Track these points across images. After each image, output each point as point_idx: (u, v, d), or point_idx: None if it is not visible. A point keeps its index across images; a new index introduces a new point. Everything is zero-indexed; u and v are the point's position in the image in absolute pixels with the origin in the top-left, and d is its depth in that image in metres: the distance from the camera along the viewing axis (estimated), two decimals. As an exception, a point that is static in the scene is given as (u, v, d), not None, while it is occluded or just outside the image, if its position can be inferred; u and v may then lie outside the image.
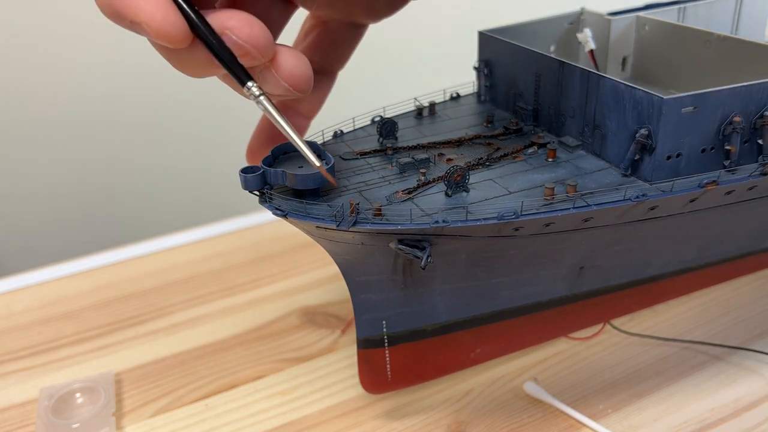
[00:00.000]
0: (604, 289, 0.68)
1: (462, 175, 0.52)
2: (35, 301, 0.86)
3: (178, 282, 0.88)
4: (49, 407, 0.65)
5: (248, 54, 0.42)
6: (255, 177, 0.50)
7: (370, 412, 0.65)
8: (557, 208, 0.50)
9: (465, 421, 0.63)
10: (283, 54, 0.45)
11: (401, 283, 0.57)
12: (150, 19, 0.39)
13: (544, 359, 0.70)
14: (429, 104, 0.71)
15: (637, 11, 0.75)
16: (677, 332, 0.72)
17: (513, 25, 0.73)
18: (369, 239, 0.51)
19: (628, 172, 0.54)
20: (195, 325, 0.80)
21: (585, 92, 0.58)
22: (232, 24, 0.42)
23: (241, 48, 0.42)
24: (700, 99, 0.51)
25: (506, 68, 0.69)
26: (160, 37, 0.40)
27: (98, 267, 0.93)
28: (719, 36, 0.65)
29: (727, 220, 0.64)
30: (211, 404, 0.67)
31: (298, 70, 0.45)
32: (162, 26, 0.39)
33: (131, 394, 0.69)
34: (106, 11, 0.40)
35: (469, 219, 0.49)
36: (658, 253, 0.67)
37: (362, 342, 0.62)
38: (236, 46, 0.42)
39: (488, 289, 0.61)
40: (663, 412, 0.63)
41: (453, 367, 0.67)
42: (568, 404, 0.63)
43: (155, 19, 0.39)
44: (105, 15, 0.40)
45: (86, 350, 0.77)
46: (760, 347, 0.69)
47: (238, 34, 0.42)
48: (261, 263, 0.91)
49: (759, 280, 0.80)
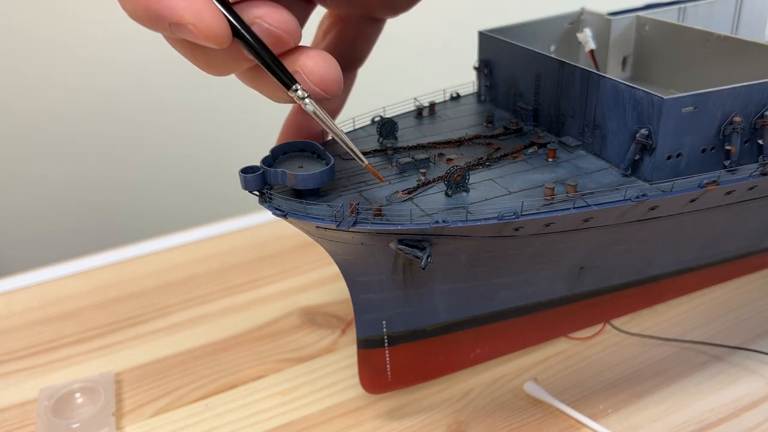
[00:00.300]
0: (604, 289, 0.68)
1: (462, 175, 0.52)
2: (35, 301, 0.86)
3: (177, 282, 0.88)
4: (49, 407, 0.65)
5: (280, 39, 0.43)
6: (255, 177, 0.50)
7: (370, 412, 0.65)
8: (557, 208, 0.50)
9: (465, 421, 0.63)
10: (313, 57, 0.45)
11: (401, 283, 0.57)
12: (197, 19, 0.38)
13: (544, 359, 0.70)
14: (429, 104, 0.71)
15: (637, 11, 0.75)
16: (677, 332, 0.72)
17: (513, 25, 0.73)
18: (369, 239, 0.51)
19: (628, 172, 0.54)
20: (195, 325, 0.80)
21: (585, 92, 0.58)
22: (261, 12, 0.42)
23: (273, 34, 0.43)
24: (701, 99, 0.51)
25: (506, 68, 0.69)
26: (208, 38, 0.39)
27: (98, 267, 0.93)
28: (719, 36, 0.64)
29: (727, 220, 0.64)
30: (211, 404, 0.67)
31: (330, 74, 0.45)
32: (210, 26, 0.39)
33: (131, 394, 0.69)
34: (140, 13, 0.39)
35: (469, 219, 0.48)
36: (659, 253, 0.67)
37: (362, 342, 0.62)
38: (268, 33, 0.43)
39: (488, 289, 0.61)
40: (663, 412, 0.63)
41: (453, 367, 0.67)
42: (568, 404, 0.63)
43: (202, 19, 0.38)
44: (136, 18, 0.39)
45: (86, 350, 0.77)
46: (760, 347, 0.69)
47: (269, 21, 0.42)
48: (261, 263, 0.91)
49: (759, 280, 0.80)
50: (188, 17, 0.38)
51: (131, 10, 0.39)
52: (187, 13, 0.38)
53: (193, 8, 0.38)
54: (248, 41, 0.42)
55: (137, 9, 0.39)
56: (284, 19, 0.43)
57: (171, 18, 0.38)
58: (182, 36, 0.40)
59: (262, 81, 0.47)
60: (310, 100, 0.46)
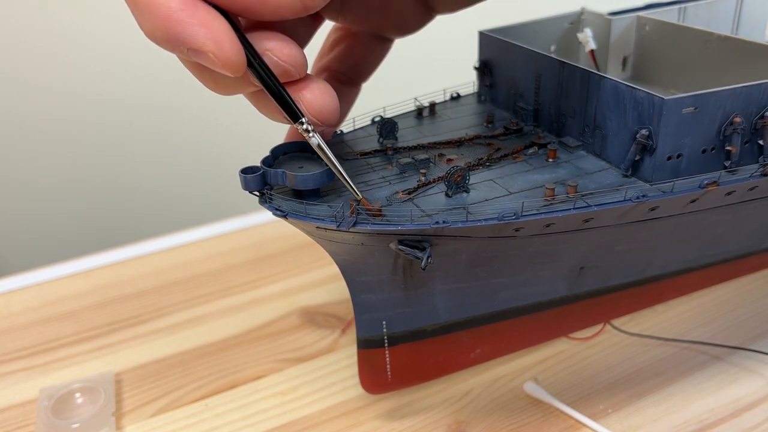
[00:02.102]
0: (605, 289, 0.68)
1: (462, 175, 0.52)
2: (35, 301, 0.86)
3: (177, 282, 0.88)
4: (48, 407, 0.65)
5: (288, 73, 0.44)
6: (255, 177, 0.50)
7: (370, 412, 0.65)
8: (558, 209, 0.50)
9: (465, 421, 0.63)
10: (312, 90, 0.46)
11: (401, 284, 0.57)
12: (217, 49, 0.38)
13: (544, 359, 0.70)
14: (429, 104, 0.71)
15: (638, 11, 0.75)
16: (677, 332, 0.72)
17: (513, 25, 0.73)
18: (369, 240, 0.51)
19: (628, 172, 0.54)
20: (195, 325, 0.80)
21: (585, 92, 0.58)
22: (271, 45, 0.43)
23: (282, 67, 0.43)
24: (701, 99, 0.51)
25: (506, 68, 0.69)
26: (225, 66, 0.39)
27: (98, 267, 0.93)
28: (719, 36, 0.64)
29: (727, 220, 0.64)
30: (211, 404, 0.67)
31: (327, 107, 0.46)
32: (228, 56, 0.39)
33: (131, 394, 0.69)
34: (159, 36, 0.38)
35: (470, 219, 0.48)
36: (659, 254, 0.67)
37: (362, 342, 0.62)
38: (277, 66, 0.43)
39: (488, 289, 0.61)
40: (663, 412, 0.63)
41: (453, 367, 0.67)
42: (568, 404, 0.63)
43: (222, 49, 0.38)
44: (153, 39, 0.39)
45: (86, 350, 0.77)
46: (760, 347, 0.69)
47: (279, 55, 0.43)
48: (261, 263, 0.91)
49: (759, 280, 0.80)
50: (209, 46, 0.38)
51: (149, 31, 0.39)
52: (208, 42, 0.38)
53: (214, 37, 0.38)
54: (259, 71, 0.43)
55: (156, 31, 0.38)
56: (293, 53, 0.43)
57: (191, 45, 0.38)
58: (199, 61, 0.40)
59: (265, 103, 0.47)
60: (315, 134, 0.46)
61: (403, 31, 0.57)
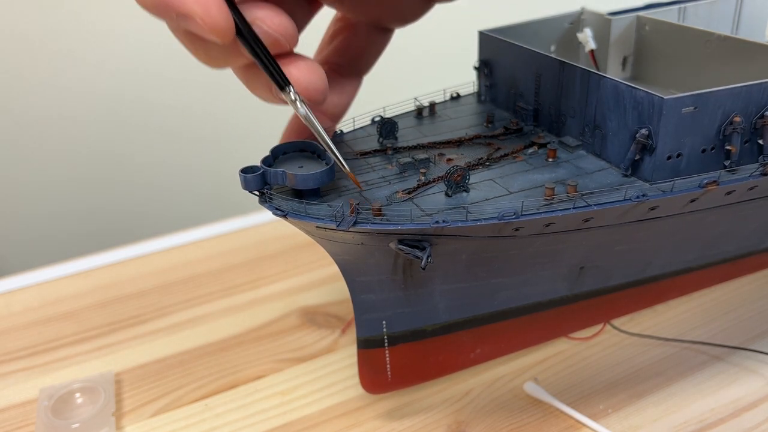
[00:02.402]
0: (605, 289, 0.68)
1: (462, 175, 0.52)
2: (35, 301, 0.86)
3: (177, 282, 0.88)
4: (48, 407, 0.65)
5: (277, 42, 0.44)
6: (255, 177, 0.50)
7: (370, 412, 0.65)
8: (557, 209, 0.50)
9: (465, 421, 0.63)
10: (300, 68, 0.46)
11: (401, 283, 0.57)
12: (205, 13, 0.39)
13: (544, 359, 0.70)
14: (429, 104, 0.71)
15: (638, 11, 0.75)
16: (677, 332, 0.72)
17: (513, 25, 0.73)
18: (369, 239, 0.51)
19: (628, 172, 0.54)
20: (195, 325, 0.80)
21: (585, 92, 0.58)
22: (262, 14, 0.44)
23: (271, 37, 0.44)
24: (701, 99, 0.51)
25: (506, 68, 0.69)
26: (213, 32, 0.40)
27: (98, 267, 0.93)
28: (719, 36, 0.64)
29: (727, 220, 0.64)
30: (211, 404, 0.67)
31: (314, 83, 0.47)
32: (216, 21, 0.39)
33: (131, 394, 0.69)
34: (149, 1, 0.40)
35: (470, 219, 0.48)
36: (659, 253, 0.67)
37: (362, 342, 0.62)
38: (266, 35, 0.44)
39: (488, 289, 0.61)
40: (663, 412, 0.63)
41: (453, 367, 0.67)
42: (568, 404, 0.63)
43: (210, 13, 0.39)
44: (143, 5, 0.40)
45: (86, 350, 0.77)
46: (760, 347, 0.69)
47: (269, 23, 0.44)
48: (261, 263, 0.91)
49: (759, 280, 0.80)
50: (197, 10, 0.39)
51: None
52: (195, 6, 0.39)
53: (202, 2, 0.39)
54: (248, 40, 0.43)
55: None
56: (283, 23, 0.44)
57: (179, 9, 0.39)
58: (187, 27, 0.41)
59: (256, 79, 0.48)
60: (302, 104, 0.47)
61: (402, 19, 0.56)
